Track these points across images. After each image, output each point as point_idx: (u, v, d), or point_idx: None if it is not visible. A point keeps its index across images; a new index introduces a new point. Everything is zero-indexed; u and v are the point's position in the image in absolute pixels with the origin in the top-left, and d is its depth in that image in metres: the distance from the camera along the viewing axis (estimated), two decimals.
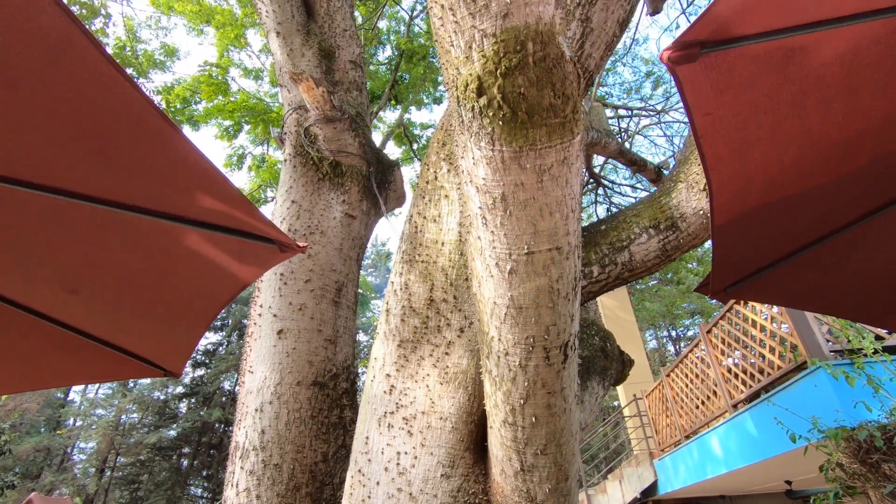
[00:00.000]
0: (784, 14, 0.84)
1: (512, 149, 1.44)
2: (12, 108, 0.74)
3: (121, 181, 0.93)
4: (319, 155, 3.45)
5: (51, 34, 0.61)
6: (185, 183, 0.95)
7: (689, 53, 0.86)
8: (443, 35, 1.50)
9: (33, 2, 0.58)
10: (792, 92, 0.98)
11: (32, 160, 0.86)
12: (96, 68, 0.68)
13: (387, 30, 11.20)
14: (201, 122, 10.07)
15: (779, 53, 0.91)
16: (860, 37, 0.92)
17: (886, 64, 0.97)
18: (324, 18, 4.16)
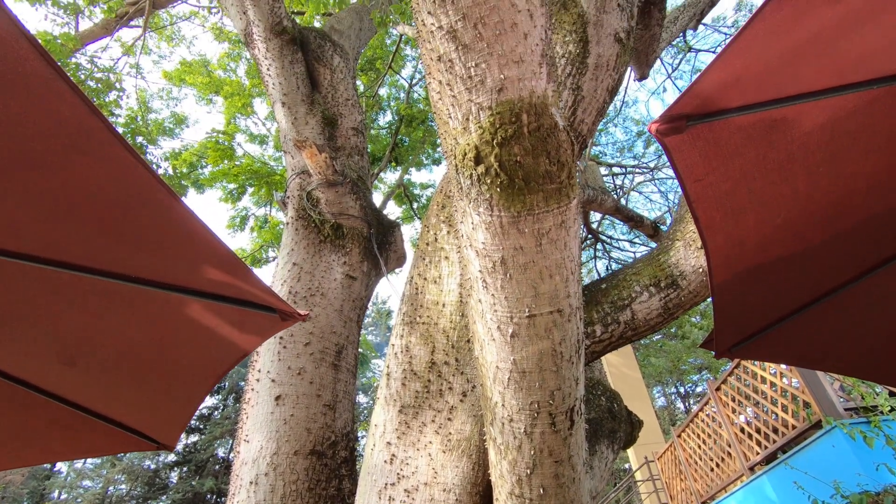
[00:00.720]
0: (764, 89, 0.89)
1: (510, 214, 1.47)
2: (26, 186, 0.76)
3: (125, 254, 0.94)
4: (321, 218, 3.51)
5: (70, 122, 0.65)
6: (188, 254, 0.97)
7: (677, 126, 0.90)
8: (441, 108, 1.57)
9: (56, 93, 0.62)
10: (778, 159, 1.01)
11: (40, 235, 0.88)
12: (109, 151, 0.71)
13: (387, 96, 11.73)
14: (206, 186, 10.31)
15: (762, 124, 0.95)
16: (838, 108, 0.97)
17: (865, 132, 1.01)
18: (327, 89, 4.37)
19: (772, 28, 0.75)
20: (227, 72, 11.20)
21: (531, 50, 1.45)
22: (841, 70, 0.85)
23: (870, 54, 0.83)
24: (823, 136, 1.00)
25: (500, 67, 1.42)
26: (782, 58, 0.81)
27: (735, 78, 0.84)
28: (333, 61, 4.44)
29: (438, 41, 1.49)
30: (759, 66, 0.82)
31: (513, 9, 1.42)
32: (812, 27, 0.76)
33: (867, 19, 0.77)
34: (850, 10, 0.74)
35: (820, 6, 0.73)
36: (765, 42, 0.78)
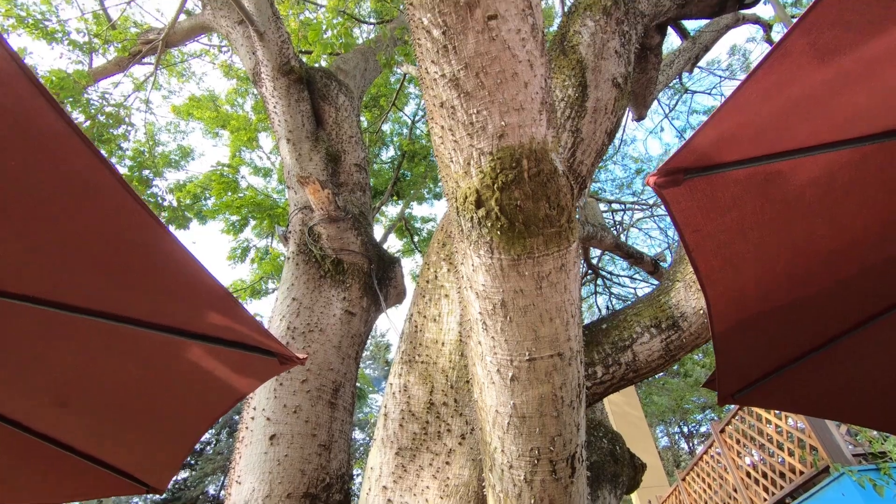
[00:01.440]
0: (758, 145, 0.91)
1: (510, 257, 1.48)
2: (32, 230, 0.77)
3: (125, 296, 0.95)
4: (322, 253, 3.52)
5: (79, 172, 0.67)
6: (188, 297, 0.97)
7: (674, 179, 0.91)
8: (443, 152, 1.60)
9: (68, 146, 0.63)
10: (775, 210, 1.03)
11: (41, 277, 0.88)
12: (114, 198, 0.73)
13: (390, 132, 11.97)
14: (209, 217, 10.38)
15: (758, 177, 0.97)
16: (832, 162, 0.99)
17: (860, 185, 1.03)
18: (332, 126, 4.47)
19: (765, 89, 0.78)
20: (234, 107, 11.46)
21: (531, 98, 1.49)
22: (832, 127, 0.88)
23: (860, 113, 0.86)
24: (819, 189, 1.02)
25: (501, 114, 1.46)
26: (776, 116, 0.83)
27: (730, 134, 0.86)
28: (338, 100, 4.56)
29: (441, 88, 1.53)
30: (753, 124, 0.84)
31: (513, 59, 1.47)
32: (803, 88, 0.79)
33: (856, 81, 0.79)
34: (839, 74, 0.77)
35: (810, 70, 0.75)
36: (758, 101, 0.81)
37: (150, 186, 6.47)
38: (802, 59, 0.73)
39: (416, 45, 1.63)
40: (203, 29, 6.23)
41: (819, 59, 0.74)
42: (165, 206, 7.09)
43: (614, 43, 2.95)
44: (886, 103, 0.86)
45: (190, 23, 6.07)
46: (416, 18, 1.59)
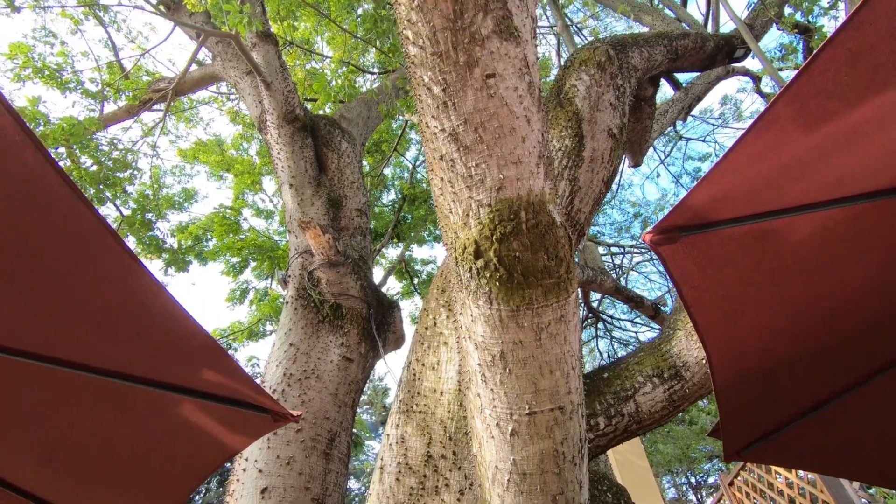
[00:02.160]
0: (751, 203, 0.93)
1: (509, 308, 1.47)
2: (32, 288, 0.78)
3: (117, 351, 0.94)
4: (321, 298, 3.51)
5: (84, 237, 0.68)
6: (182, 353, 0.96)
7: (670, 237, 0.92)
8: (442, 203, 1.62)
9: (73, 212, 0.65)
10: (771, 266, 1.03)
11: (37, 332, 0.88)
12: (115, 258, 0.73)
13: (392, 175, 12.17)
14: (209, 259, 10.39)
15: (753, 235, 0.98)
16: (826, 220, 1.00)
17: (855, 242, 1.04)
18: (334, 172, 4.56)
19: (755, 152, 0.80)
20: (239, 151, 11.71)
21: (529, 152, 1.53)
22: (824, 187, 0.89)
23: (849, 174, 0.88)
24: (815, 246, 1.03)
25: (500, 168, 1.49)
26: (767, 176, 0.85)
27: (724, 193, 0.88)
28: (341, 147, 4.67)
29: (441, 142, 1.57)
30: (746, 184, 0.86)
31: (511, 115, 1.51)
32: (793, 151, 0.81)
33: (844, 145, 0.82)
34: (827, 138, 0.80)
35: (798, 135, 0.78)
36: (749, 163, 0.83)
37: (152, 229, 6.52)
38: (790, 125, 0.75)
39: (417, 100, 1.69)
40: (212, 78, 6.46)
41: (806, 125, 0.76)
42: (166, 248, 7.12)
43: (609, 96, 3.05)
44: (875, 165, 0.88)
45: (200, 73, 6.30)
46: (417, 76, 1.65)
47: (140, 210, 6.50)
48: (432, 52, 1.54)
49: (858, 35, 0.68)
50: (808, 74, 0.70)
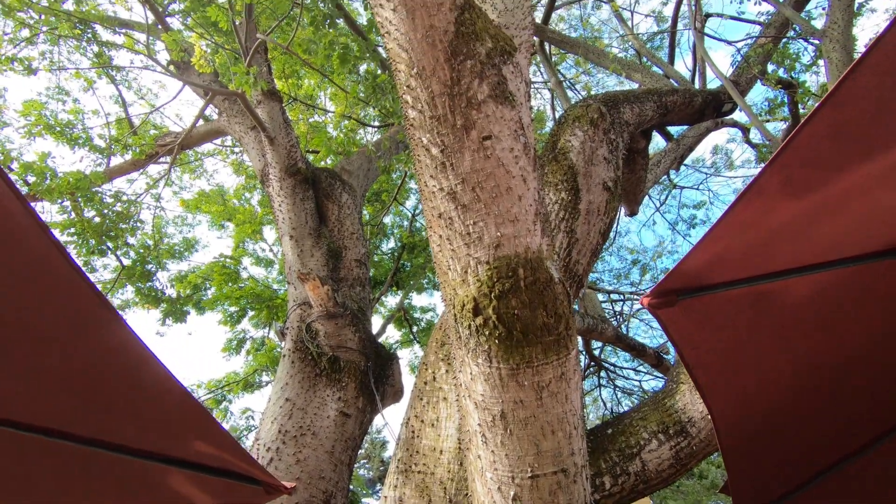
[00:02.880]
0: (746, 267, 0.94)
1: (509, 366, 1.45)
2: (25, 359, 0.77)
3: (110, 423, 0.92)
4: (319, 350, 3.47)
5: (80, 310, 0.68)
6: (174, 423, 0.94)
7: (668, 300, 0.93)
8: (441, 259, 1.64)
9: (70, 285, 0.66)
10: (771, 327, 1.03)
11: (26, 402, 0.86)
12: (110, 329, 0.73)
13: (391, 224, 12.29)
14: (207, 308, 10.31)
15: (750, 297, 0.98)
16: (821, 282, 1.01)
17: (852, 303, 1.04)
18: (334, 223, 4.61)
19: (745, 219, 0.82)
20: (241, 201, 11.88)
21: (525, 210, 1.56)
22: (815, 251, 0.91)
23: (839, 238, 0.90)
24: (812, 307, 1.03)
25: (497, 226, 1.51)
26: (760, 241, 0.87)
27: (718, 258, 0.89)
28: (341, 198, 4.75)
29: (439, 201, 1.60)
30: (739, 248, 0.88)
31: (507, 175, 1.55)
32: (782, 218, 0.83)
33: (832, 211, 0.84)
34: (815, 205, 0.82)
35: (786, 203, 0.80)
36: (741, 229, 0.85)
37: (151, 280, 6.52)
38: (778, 193, 0.78)
39: (416, 160, 1.73)
40: (217, 133, 6.65)
41: (794, 193, 0.78)
42: (164, 298, 7.09)
43: (603, 150, 3.14)
44: (864, 228, 0.90)
45: (206, 128, 6.50)
46: (416, 137, 1.70)
47: (140, 261, 6.53)
48: (431, 116, 1.60)
49: (839, 112, 0.72)
50: (793, 147, 0.73)
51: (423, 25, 1.60)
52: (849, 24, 4.16)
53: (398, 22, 1.64)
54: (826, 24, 4.24)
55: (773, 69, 5.71)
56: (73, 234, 5.12)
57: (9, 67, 4.31)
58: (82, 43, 5.47)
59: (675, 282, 0.91)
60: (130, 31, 6.39)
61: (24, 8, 4.14)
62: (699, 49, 5.57)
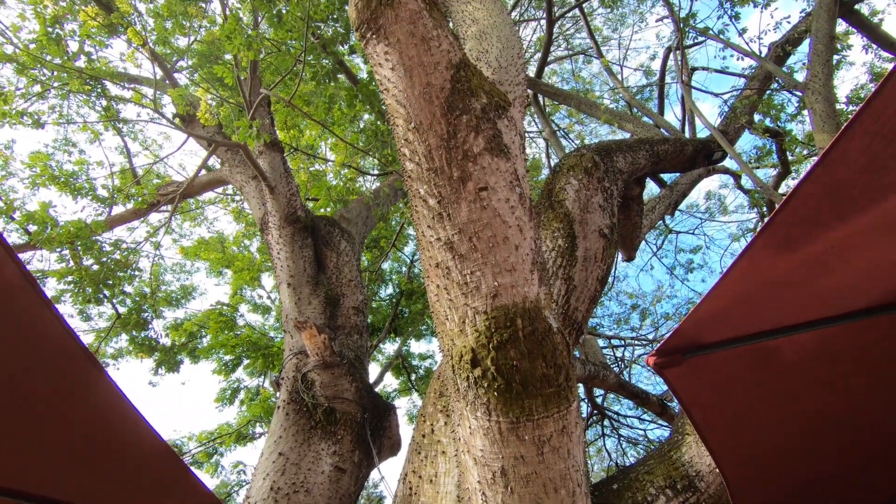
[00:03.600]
0: (749, 324, 0.94)
1: (509, 419, 1.42)
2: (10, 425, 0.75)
3: (94, 487, 0.88)
4: (314, 402, 3.38)
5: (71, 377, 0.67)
6: (157, 486, 0.90)
7: (673, 359, 0.92)
8: (438, 309, 1.63)
9: (65, 352, 0.65)
10: (778, 384, 1.02)
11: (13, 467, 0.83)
12: (102, 394, 0.72)
13: (390, 270, 12.29)
14: (202, 357, 10.13)
15: (756, 354, 0.97)
16: (827, 337, 1.00)
17: (860, 357, 1.03)
18: (332, 271, 4.61)
19: (747, 277, 0.82)
20: (240, 248, 11.92)
21: (522, 259, 1.56)
22: (818, 306, 0.91)
23: (841, 293, 0.90)
24: (820, 362, 1.02)
25: (494, 275, 1.51)
26: (762, 298, 0.87)
27: (722, 316, 0.89)
28: (340, 246, 4.77)
29: (437, 250, 1.61)
30: (742, 306, 0.88)
31: (504, 224, 1.57)
32: (782, 275, 0.84)
33: (831, 267, 0.84)
34: (814, 262, 0.83)
35: (785, 260, 0.81)
36: (743, 287, 0.85)
37: (146, 328, 6.44)
38: (777, 251, 0.79)
39: (414, 210, 1.76)
40: (219, 182, 6.77)
41: (793, 251, 0.79)
42: (159, 347, 6.99)
43: (598, 198, 3.19)
44: (865, 284, 0.91)
45: (208, 177, 6.62)
46: (413, 188, 1.73)
47: (136, 309, 6.47)
48: (428, 168, 1.64)
49: (833, 171, 0.74)
50: (790, 206, 0.75)
51: (420, 83, 1.67)
52: (829, 78, 4.35)
53: (396, 79, 1.71)
54: (807, 77, 4.43)
55: (760, 119, 5.91)
56: (70, 282, 5.11)
57: (18, 122, 4.44)
58: (91, 97, 5.66)
59: (679, 340, 0.91)
60: (138, 87, 6.63)
61: (38, 66, 4.32)
62: (687, 101, 5.78)
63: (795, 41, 5.81)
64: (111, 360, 9.49)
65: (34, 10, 3.86)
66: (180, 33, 5.53)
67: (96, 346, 8.40)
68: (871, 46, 5.76)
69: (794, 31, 5.91)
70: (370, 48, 1.79)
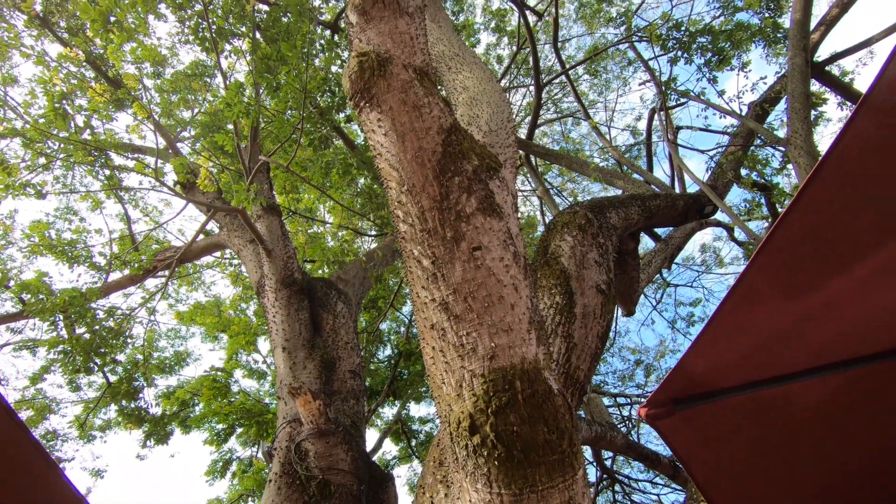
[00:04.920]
0: (743, 373, 0.90)
1: (511, 492, 1.33)
2: None
3: None
4: (308, 474, 3.21)
5: None
6: None
7: (665, 410, 0.88)
8: (434, 373, 1.58)
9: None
10: (780, 434, 0.97)
11: None
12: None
13: (388, 330, 12.12)
14: (194, 426, 9.75)
15: (753, 404, 0.94)
16: (826, 385, 0.97)
17: (860, 406, 0.99)
18: (329, 333, 4.54)
19: (735, 324, 0.80)
20: (236, 311, 11.80)
21: (519, 319, 1.54)
22: (812, 354, 0.88)
23: (833, 340, 0.87)
24: (819, 412, 0.98)
25: (491, 336, 1.48)
26: (753, 347, 0.85)
27: (713, 365, 0.86)
28: (336, 308, 4.73)
29: (432, 311, 1.59)
30: (733, 354, 0.85)
31: (499, 284, 1.56)
32: (774, 322, 0.82)
33: (820, 314, 0.83)
34: (806, 307, 0.81)
35: (774, 306, 0.79)
36: (733, 334, 0.83)
37: (136, 398, 6.24)
38: (764, 297, 0.77)
39: (408, 271, 1.75)
40: (217, 247, 6.81)
41: (782, 297, 0.78)
42: (148, 417, 6.74)
43: (593, 254, 3.20)
44: (858, 331, 0.88)
45: (206, 241, 6.67)
46: (407, 249, 1.74)
47: (127, 377, 6.30)
48: (421, 229, 1.65)
49: (806, 218, 0.74)
50: (766, 252, 0.74)
51: (412, 147, 1.72)
52: (809, 133, 4.51)
53: (389, 144, 1.76)
54: (788, 133, 4.60)
55: (747, 173, 6.07)
56: (61, 352, 5.00)
57: (23, 193, 4.53)
58: (95, 167, 5.81)
59: (670, 391, 0.87)
60: (142, 156, 6.83)
61: (44, 140, 4.46)
62: (675, 158, 5.96)
63: (773, 100, 6.09)
64: (99, 432, 9.12)
65: (43, 88, 4.05)
66: (184, 107, 5.77)
67: (84, 417, 8.09)
68: (845, 103, 6.03)
69: (770, 91, 6.21)
70: (364, 115, 1.85)
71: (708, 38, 5.66)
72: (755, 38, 5.74)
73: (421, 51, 1.96)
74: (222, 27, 4.50)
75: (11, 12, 4.81)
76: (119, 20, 3.70)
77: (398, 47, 1.88)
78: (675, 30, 5.93)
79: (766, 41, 5.83)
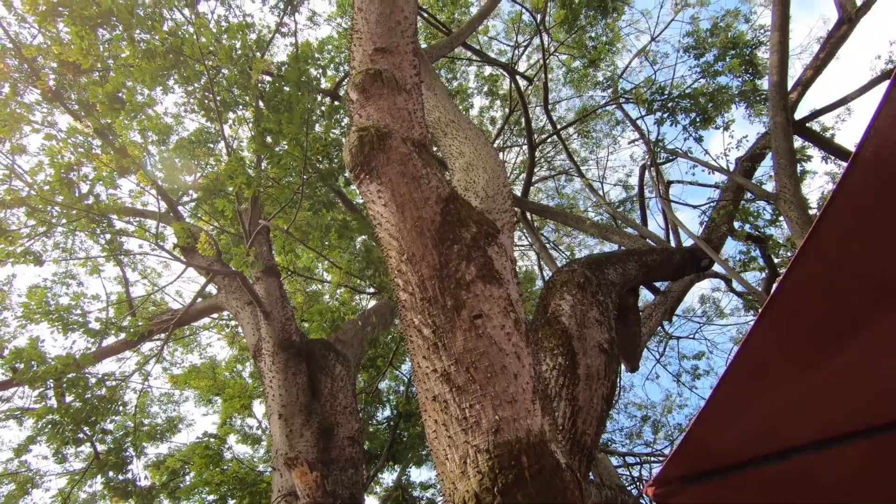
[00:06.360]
0: (752, 447, 0.88)
1: None
2: None
3: None
4: None
5: None
6: None
7: (672, 489, 0.85)
8: (437, 448, 1.53)
9: None
10: None
11: None
12: None
13: (387, 389, 11.80)
14: (183, 498, 9.27)
15: (763, 479, 0.90)
16: (837, 457, 0.94)
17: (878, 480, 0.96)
18: (327, 397, 4.42)
19: (739, 399, 0.79)
20: (232, 374, 11.52)
21: (523, 388, 1.51)
22: (818, 427, 0.86)
23: (844, 412, 0.86)
24: (836, 486, 0.94)
25: (495, 408, 1.45)
26: (760, 421, 0.83)
27: (719, 441, 0.84)
28: (335, 370, 4.63)
29: (433, 382, 1.56)
30: (739, 430, 0.83)
31: (501, 353, 1.54)
32: (779, 396, 0.80)
33: (827, 388, 0.81)
34: (810, 382, 0.80)
35: (776, 381, 0.78)
36: (737, 410, 0.81)
37: (124, 469, 5.96)
38: (764, 372, 0.76)
39: (409, 341, 1.73)
40: (215, 309, 6.76)
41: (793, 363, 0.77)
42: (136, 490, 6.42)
43: (594, 313, 3.19)
44: (871, 402, 0.87)
45: (204, 304, 6.63)
46: (407, 318, 1.73)
47: (116, 448, 6.05)
48: (421, 298, 1.65)
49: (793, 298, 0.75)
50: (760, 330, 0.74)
51: (411, 217, 1.75)
52: (797, 187, 4.63)
53: (389, 215, 1.79)
54: (776, 187, 4.72)
55: (740, 226, 6.17)
56: (49, 422, 4.83)
57: (23, 261, 4.55)
58: (96, 232, 5.87)
59: (677, 468, 0.84)
60: (143, 220, 6.92)
61: (47, 206, 4.54)
62: (668, 213, 6.07)
63: (758, 156, 6.29)
64: None
65: (51, 161, 4.17)
66: (187, 172, 5.92)
67: (69, 491, 7.69)
68: (829, 157, 6.23)
69: (755, 148, 6.43)
70: (363, 187, 1.90)
71: (690, 101, 5.93)
72: (735, 100, 6.01)
73: (419, 124, 2.04)
74: (227, 99, 4.70)
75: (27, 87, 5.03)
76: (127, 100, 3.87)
77: (397, 122, 1.96)
78: (659, 93, 6.22)
79: (746, 102, 6.11)
